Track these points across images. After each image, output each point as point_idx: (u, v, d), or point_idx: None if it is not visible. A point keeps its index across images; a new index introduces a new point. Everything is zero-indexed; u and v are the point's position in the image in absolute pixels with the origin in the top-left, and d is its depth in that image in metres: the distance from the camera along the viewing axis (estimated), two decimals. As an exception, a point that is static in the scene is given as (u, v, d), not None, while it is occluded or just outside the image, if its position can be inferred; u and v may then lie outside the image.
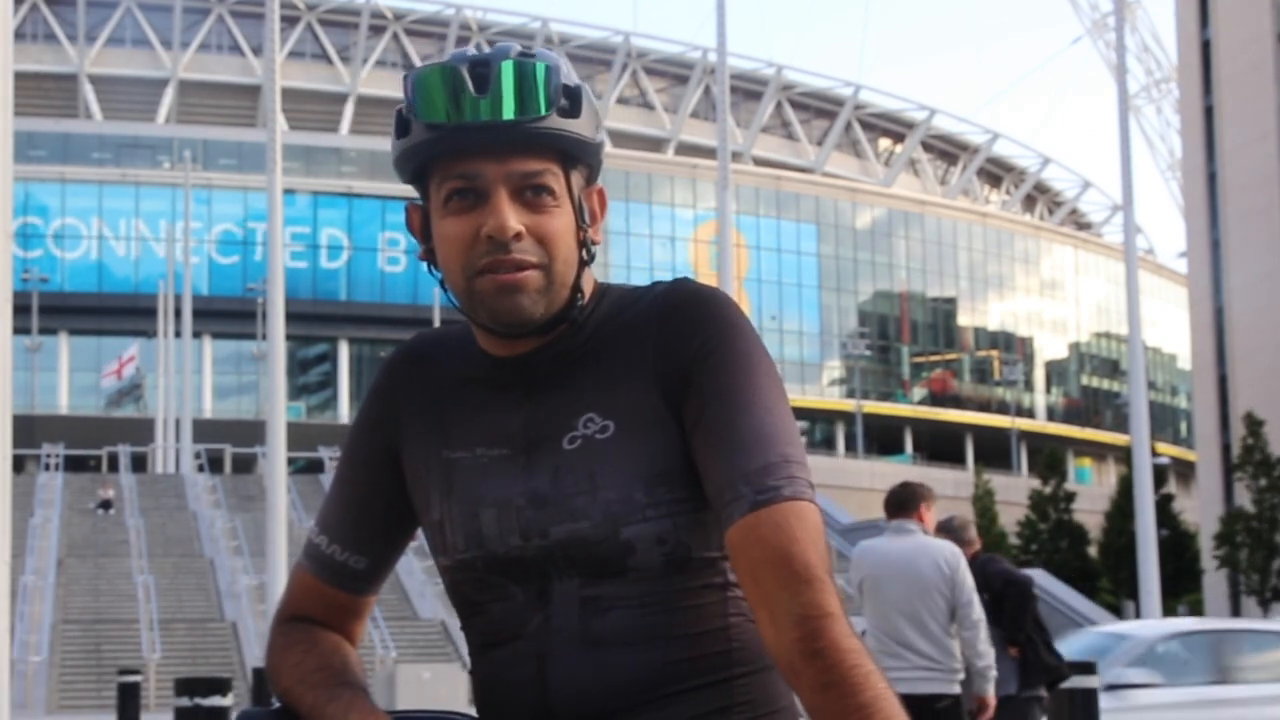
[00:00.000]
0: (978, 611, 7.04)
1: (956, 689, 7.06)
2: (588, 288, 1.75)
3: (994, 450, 71.20)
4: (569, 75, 1.71)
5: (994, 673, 7.14)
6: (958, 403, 73.90)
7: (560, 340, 1.74)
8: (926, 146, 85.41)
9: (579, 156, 1.71)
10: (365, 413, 1.86)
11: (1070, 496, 54.30)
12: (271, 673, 1.82)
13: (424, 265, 1.77)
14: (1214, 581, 49.06)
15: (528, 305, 1.68)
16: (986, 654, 7.05)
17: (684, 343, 1.68)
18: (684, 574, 1.68)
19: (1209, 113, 53.58)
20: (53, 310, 60.55)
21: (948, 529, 8.02)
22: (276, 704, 1.80)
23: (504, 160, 1.67)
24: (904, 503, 7.17)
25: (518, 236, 1.66)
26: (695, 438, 1.65)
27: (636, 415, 1.68)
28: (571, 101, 1.69)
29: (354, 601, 1.87)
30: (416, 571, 32.64)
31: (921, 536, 7.13)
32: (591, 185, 1.76)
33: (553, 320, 1.71)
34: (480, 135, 1.66)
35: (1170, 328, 76.62)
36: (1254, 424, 43.98)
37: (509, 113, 1.65)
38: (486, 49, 1.70)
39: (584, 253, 1.72)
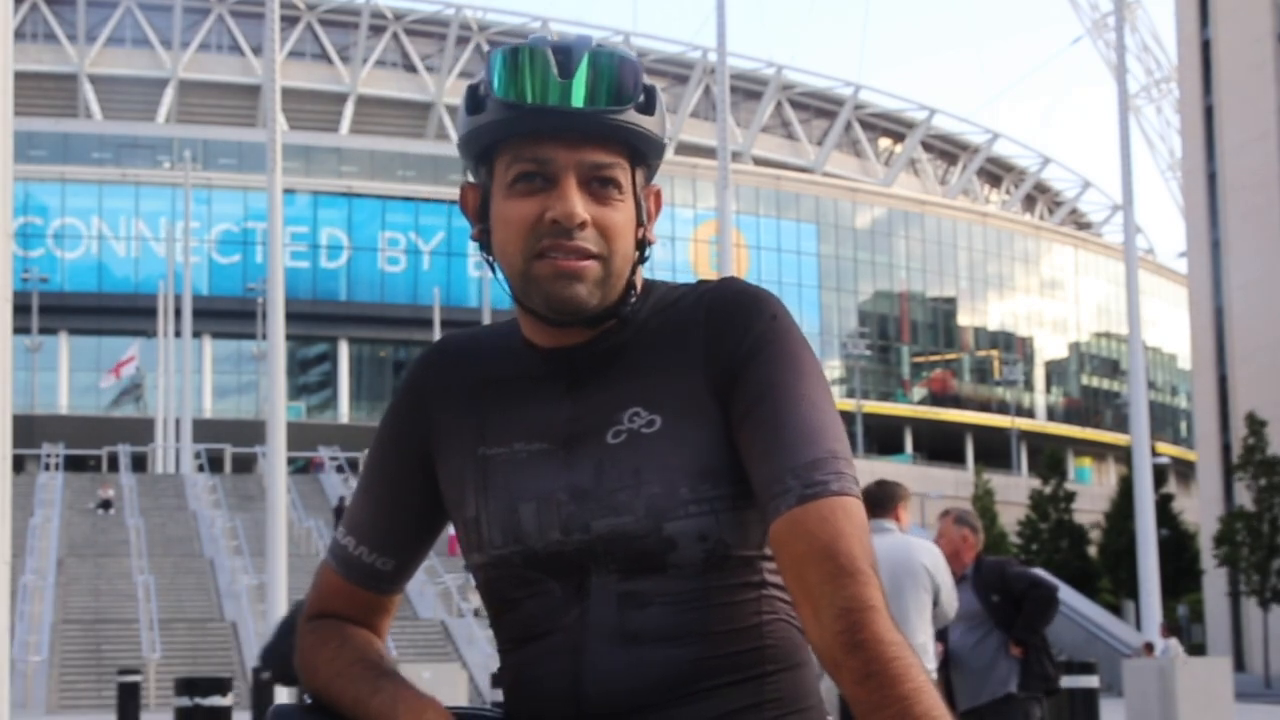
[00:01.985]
0: (954, 609, 7.05)
1: None
2: (639, 286, 1.75)
3: (994, 450, 71.20)
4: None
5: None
6: (958, 402, 73.90)
7: (607, 335, 1.73)
8: (926, 146, 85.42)
9: (647, 154, 1.72)
10: (394, 413, 1.84)
11: (1070, 496, 54.36)
12: (305, 669, 1.81)
13: (477, 248, 1.76)
14: (1214, 581, 49.11)
15: (584, 294, 1.67)
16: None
17: (735, 340, 1.68)
18: (722, 571, 1.67)
19: (1209, 113, 53.56)
20: (53, 310, 60.54)
21: (966, 522, 7.99)
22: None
23: (577, 148, 1.66)
24: (881, 502, 6.98)
25: (583, 225, 1.65)
26: (742, 432, 1.65)
27: (683, 410, 1.68)
28: (648, 99, 1.70)
29: (381, 600, 1.88)
30: (417, 572, 32.62)
31: (901, 535, 6.99)
32: (649, 185, 1.76)
33: (604, 314, 1.70)
34: (558, 119, 1.65)
35: (1170, 328, 76.62)
36: (1255, 424, 43.98)
37: (589, 101, 1.65)
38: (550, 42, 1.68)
39: (639, 251, 1.73)
